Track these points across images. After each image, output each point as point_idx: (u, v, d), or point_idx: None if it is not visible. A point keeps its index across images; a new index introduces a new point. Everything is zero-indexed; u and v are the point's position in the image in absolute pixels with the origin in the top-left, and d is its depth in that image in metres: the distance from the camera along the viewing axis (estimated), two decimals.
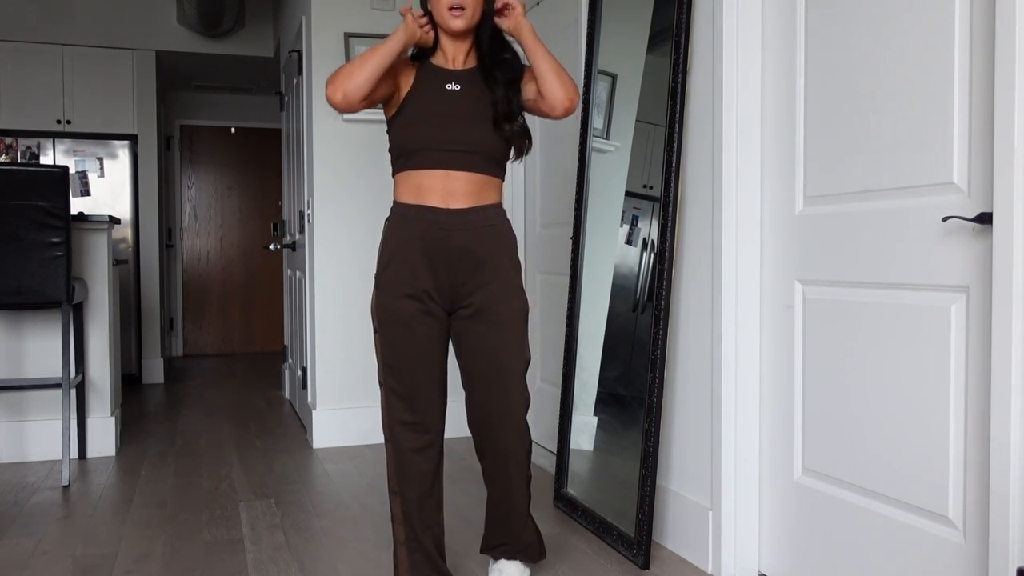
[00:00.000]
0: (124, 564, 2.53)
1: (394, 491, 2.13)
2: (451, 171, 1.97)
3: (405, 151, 2.02)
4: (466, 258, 2.00)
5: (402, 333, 2.02)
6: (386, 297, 2.02)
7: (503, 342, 2.04)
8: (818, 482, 2.16)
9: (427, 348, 2.04)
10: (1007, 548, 1.59)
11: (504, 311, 2.04)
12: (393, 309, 2.01)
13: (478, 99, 2.02)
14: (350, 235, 4.11)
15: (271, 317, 7.73)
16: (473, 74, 2.06)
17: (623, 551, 2.54)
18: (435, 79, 2.04)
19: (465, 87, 2.03)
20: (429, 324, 2.03)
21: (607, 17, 3.02)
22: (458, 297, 2.03)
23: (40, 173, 3.35)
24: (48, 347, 3.78)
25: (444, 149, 1.96)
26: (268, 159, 7.74)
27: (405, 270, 2.00)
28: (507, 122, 1.99)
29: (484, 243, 2.01)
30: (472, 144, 1.98)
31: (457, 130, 1.97)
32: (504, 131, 1.99)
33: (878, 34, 1.94)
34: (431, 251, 1.99)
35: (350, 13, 4.09)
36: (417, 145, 1.98)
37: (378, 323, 2.06)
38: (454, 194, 1.99)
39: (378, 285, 2.05)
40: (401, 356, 2.03)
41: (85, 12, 5.87)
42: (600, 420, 2.94)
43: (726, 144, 2.35)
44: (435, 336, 2.05)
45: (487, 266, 2.02)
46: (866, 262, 1.98)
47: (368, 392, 4.11)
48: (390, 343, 2.04)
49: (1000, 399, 1.60)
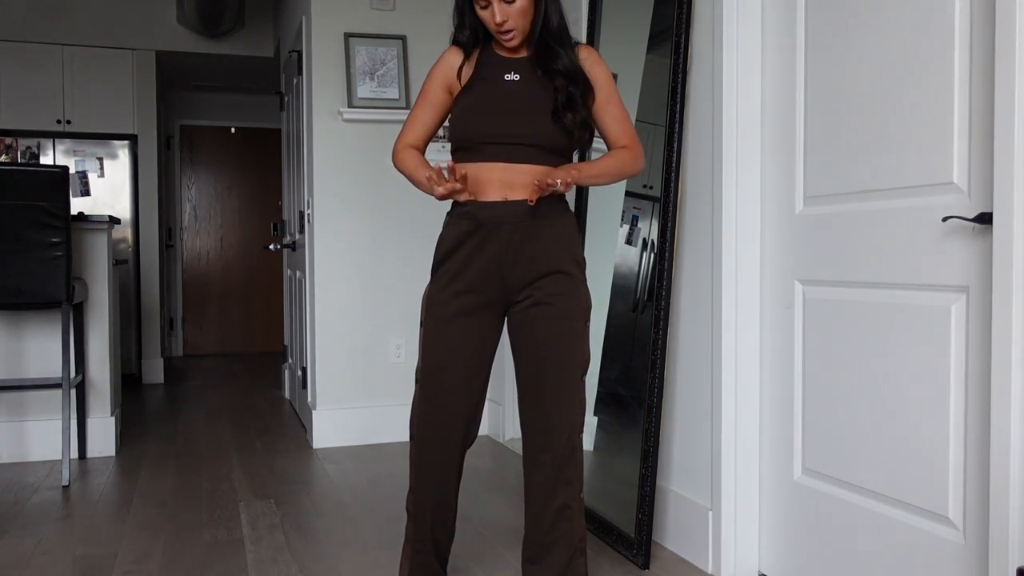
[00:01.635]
0: (124, 564, 2.53)
1: (412, 488, 2.06)
2: (511, 164, 1.92)
3: (464, 144, 1.96)
4: (522, 251, 1.92)
5: (447, 329, 1.95)
6: (437, 292, 1.97)
7: (558, 337, 1.93)
8: (818, 482, 2.16)
9: (468, 348, 1.96)
10: (1007, 548, 1.59)
11: (559, 306, 1.93)
12: (443, 303, 1.96)
13: (539, 88, 1.94)
14: (350, 235, 4.11)
15: (271, 317, 7.73)
16: (532, 62, 1.98)
17: (623, 551, 2.54)
18: (495, 68, 1.97)
19: (525, 75, 1.96)
20: (476, 324, 1.96)
21: (607, 17, 3.02)
22: (513, 292, 1.95)
23: (40, 173, 3.35)
24: (48, 347, 3.78)
25: (503, 142, 1.91)
26: (268, 159, 7.73)
27: (459, 267, 1.94)
28: (568, 111, 1.91)
29: (543, 235, 1.93)
30: (531, 136, 1.91)
31: (516, 122, 1.91)
32: (565, 121, 1.91)
33: (878, 34, 1.94)
34: (488, 246, 1.93)
35: (350, 13, 4.09)
36: (475, 138, 1.93)
37: (425, 315, 1.99)
38: (514, 186, 1.92)
39: (432, 280, 1.99)
40: (440, 352, 1.96)
41: (85, 12, 5.87)
42: (600, 420, 2.94)
43: (726, 144, 2.34)
44: (480, 338, 1.97)
45: (545, 259, 1.93)
46: (866, 262, 1.98)
47: (368, 392, 4.11)
48: (432, 337, 1.97)
49: (1000, 399, 1.60)
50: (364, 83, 4.05)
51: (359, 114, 4.04)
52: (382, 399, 4.13)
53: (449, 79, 2.01)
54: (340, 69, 4.07)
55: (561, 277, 1.94)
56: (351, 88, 4.03)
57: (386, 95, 4.08)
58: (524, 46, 2.00)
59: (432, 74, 2.04)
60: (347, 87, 4.04)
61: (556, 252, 1.94)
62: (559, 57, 1.94)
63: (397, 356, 4.15)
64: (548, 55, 1.95)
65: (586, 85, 1.97)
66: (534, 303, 1.93)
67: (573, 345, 1.94)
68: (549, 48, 1.96)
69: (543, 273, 1.93)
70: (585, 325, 1.97)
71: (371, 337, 4.14)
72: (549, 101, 1.92)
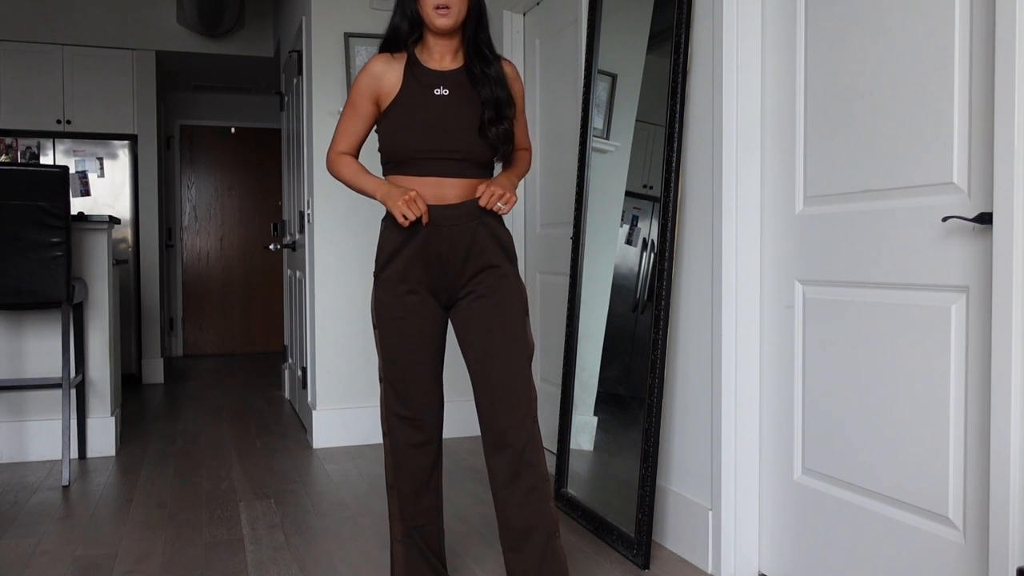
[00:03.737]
0: (124, 564, 2.53)
1: (391, 485, 2.14)
2: (442, 178, 2.02)
3: (395, 158, 2.05)
4: (460, 249, 2.02)
5: (400, 327, 2.05)
6: (385, 294, 2.06)
7: (504, 325, 2.03)
8: (818, 482, 2.16)
9: (424, 342, 2.07)
10: (1007, 548, 1.59)
11: (499, 297, 2.03)
12: (392, 305, 2.05)
13: (466, 103, 2.03)
14: (350, 235, 4.11)
15: (271, 317, 7.73)
16: (460, 75, 2.05)
17: (623, 551, 2.55)
18: (423, 82, 2.03)
19: (453, 91, 2.03)
20: (426, 318, 2.06)
21: (607, 17, 3.02)
22: (455, 288, 2.05)
23: (40, 173, 3.35)
24: (48, 347, 3.78)
25: (434, 158, 2.00)
26: (268, 159, 7.74)
27: (403, 267, 2.04)
28: (493, 125, 2.02)
29: (476, 234, 2.03)
30: (461, 152, 2.01)
31: (446, 139, 2.00)
32: (490, 135, 2.02)
33: (878, 34, 1.94)
34: (427, 247, 2.02)
35: (350, 13, 4.09)
36: (408, 154, 2.01)
37: (377, 319, 2.09)
38: (445, 196, 2.02)
39: (378, 283, 2.08)
40: (399, 350, 2.06)
41: (85, 12, 5.87)
42: (600, 420, 2.95)
43: (726, 144, 2.35)
44: (432, 331, 2.08)
45: (481, 255, 2.03)
46: (866, 262, 1.98)
47: (368, 392, 4.11)
48: (388, 337, 2.07)
49: (1000, 399, 1.60)
50: None
51: None
52: None
53: (375, 91, 2.06)
54: (340, 69, 4.07)
55: (498, 271, 2.04)
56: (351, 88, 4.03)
57: None
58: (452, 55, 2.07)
59: (359, 85, 2.09)
60: (347, 87, 4.04)
61: (492, 249, 2.05)
62: (491, 64, 2.05)
63: None
64: (482, 60, 2.05)
65: (510, 97, 2.08)
66: (476, 297, 2.04)
67: (519, 333, 2.04)
68: (483, 54, 2.06)
69: (481, 268, 2.04)
70: (525, 315, 2.08)
71: (371, 337, 4.13)
72: (476, 116, 2.01)
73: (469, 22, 2.05)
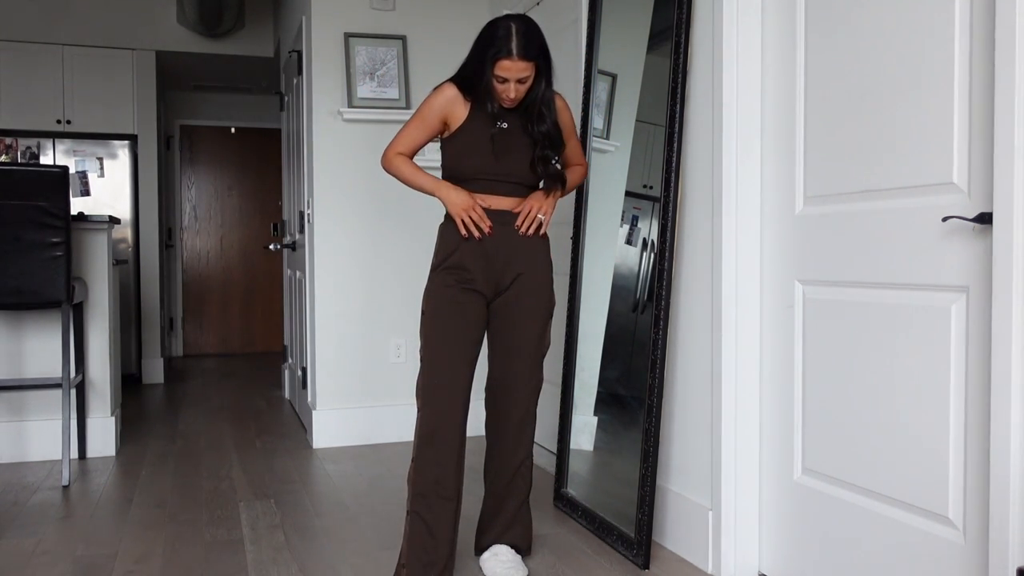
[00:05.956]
0: (124, 564, 2.53)
1: (415, 458, 2.28)
2: (495, 195, 2.33)
3: (458, 176, 2.34)
4: (508, 250, 2.33)
5: (450, 312, 2.30)
6: (440, 286, 2.32)
7: (534, 322, 2.39)
8: (818, 482, 2.16)
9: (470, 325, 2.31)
10: (1007, 548, 1.59)
11: (530, 302, 2.37)
12: (446, 291, 2.31)
13: (522, 136, 2.33)
14: (350, 235, 4.11)
15: (271, 317, 7.73)
16: (519, 114, 2.34)
17: (623, 551, 2.55)
18: (488, 114, 2.31)
19: (511, 126, 2.33)
20: (475, 306, 2.33)
21: (607, 17, 3.02)
22: (500, 285, 2.34)
23: (40, 173, 3.35)
24: (48, 347, 3.78)
25: (491, 179, 2.32)
26: (268, 159, 7.73)
27: (459, 262, 2.31)
28: (541, 163, 2.34)
29: (522, 240, 2.34)
30: (514, 177, 2.34)
31: (503, 165, 2.32)
32: (538, 171, 2.35)
33: (878, 34, 1.94)
34: (483, 245, 2.31)
35: (350, 13, 4.09)
36: (470, 174, 2.33)
37: (428, 304, 2.33)
38: (498, 204, 2.34)
39: (434, 275, 2.35)
40: (444, 331, 2.29)
41: (85, 12, 5.87)
42: (600, 420, 2.95)
43: (726, 144, 2.35)
44: (477, 318, 2.34)
45: (524, 260, 2.35)
46: (866, 262, 1.98)
47: (368, 392, 4.12)
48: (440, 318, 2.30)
49: (1000, 399, 1.60)
50: (364, 83, 4.05)
51: (359, 114, 4.04)
52: (382, 399, 4.13)
53: (446, 112, 2.35)
54: (340, 69, 4.07)
55: (538, 277, 2.39)
56: (351, 88, 4.03)
57: (386, 95, 4.08)
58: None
59: (433, 102, 2.35)
60: (347, 87, 4.04)
61: (534, 255, 2.38)
62: (543, 121, 2.33)
63: (397, 356, 4.16)
64: (533, 118, 2.33)
65: (559, 138, 2.37)
66: (516, 295, 2.36)
67: (543, 331, 2.43)
68: (535, 112, 2.33)
69: (523, 271, 2.36)
70: (550, 318, 2.44)
71: (371, 337, 4.14)
72: (529, 149, 2.34)
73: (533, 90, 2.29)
